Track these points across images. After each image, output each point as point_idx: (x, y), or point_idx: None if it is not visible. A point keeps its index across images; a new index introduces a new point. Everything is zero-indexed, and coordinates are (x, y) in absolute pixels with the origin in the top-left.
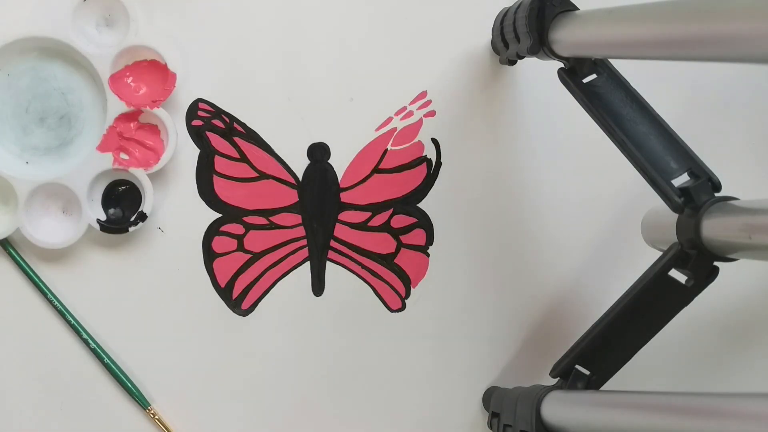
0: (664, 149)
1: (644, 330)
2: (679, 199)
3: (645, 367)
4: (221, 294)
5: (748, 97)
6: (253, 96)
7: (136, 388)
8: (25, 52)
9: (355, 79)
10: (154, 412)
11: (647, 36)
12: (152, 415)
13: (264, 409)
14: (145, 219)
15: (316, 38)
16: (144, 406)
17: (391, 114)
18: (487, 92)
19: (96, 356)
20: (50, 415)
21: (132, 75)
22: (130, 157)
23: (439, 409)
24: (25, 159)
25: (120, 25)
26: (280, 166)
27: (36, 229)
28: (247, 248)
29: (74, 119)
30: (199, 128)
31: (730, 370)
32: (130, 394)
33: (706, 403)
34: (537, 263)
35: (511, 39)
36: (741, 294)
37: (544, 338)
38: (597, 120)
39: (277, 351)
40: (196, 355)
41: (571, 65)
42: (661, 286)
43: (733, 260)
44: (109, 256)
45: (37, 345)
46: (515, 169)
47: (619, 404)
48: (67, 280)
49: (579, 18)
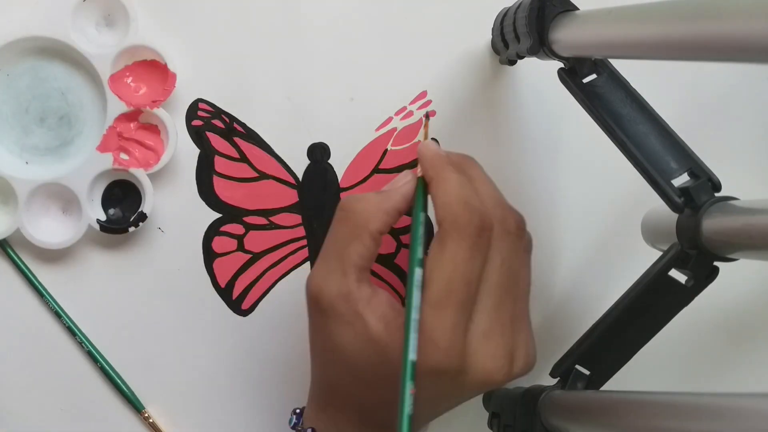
0: (664, 149)
1: (644, 330)
2: (679, 199)
3: (645, 367)
4: (221, 294)
5: (748, 97)
6: (253, 96)
7: (131, 391)
8: (25, 52)
9: (355, 79)
10: (148, 415)
11: (647, 36)
12: (146, 418)
13: (263, 409)
14: (145, 219)
15: (316, 38)
16: (138, 409)
17: (391, 114)
18: (487, 92)
19: (91, 358)
20: (49, 417)
21: (132, 75)
22: (130, 157)
23: None
24: (25, 159)
25: (120, 25)
26: (280, 166)
27: (36, 229)
28: (247, 248)
29: (74, 119)
30: (199, 128)
31: (730, 370)
32: (124, 396)
33: (706, 403)
34: (537, 263)
35: (511, 39)
36: (741, 294)
37: (545, 338)
38: (597, 120)
39: (277, 351)
40: (195, 355)
41: (571, 65)
42: (661, 286)
43: (733, 260)
44: (109, 256)
45: (36, 346)
46: (515, 169)
47: (619, 404)
48: (66, 281)
49: (579, 18)
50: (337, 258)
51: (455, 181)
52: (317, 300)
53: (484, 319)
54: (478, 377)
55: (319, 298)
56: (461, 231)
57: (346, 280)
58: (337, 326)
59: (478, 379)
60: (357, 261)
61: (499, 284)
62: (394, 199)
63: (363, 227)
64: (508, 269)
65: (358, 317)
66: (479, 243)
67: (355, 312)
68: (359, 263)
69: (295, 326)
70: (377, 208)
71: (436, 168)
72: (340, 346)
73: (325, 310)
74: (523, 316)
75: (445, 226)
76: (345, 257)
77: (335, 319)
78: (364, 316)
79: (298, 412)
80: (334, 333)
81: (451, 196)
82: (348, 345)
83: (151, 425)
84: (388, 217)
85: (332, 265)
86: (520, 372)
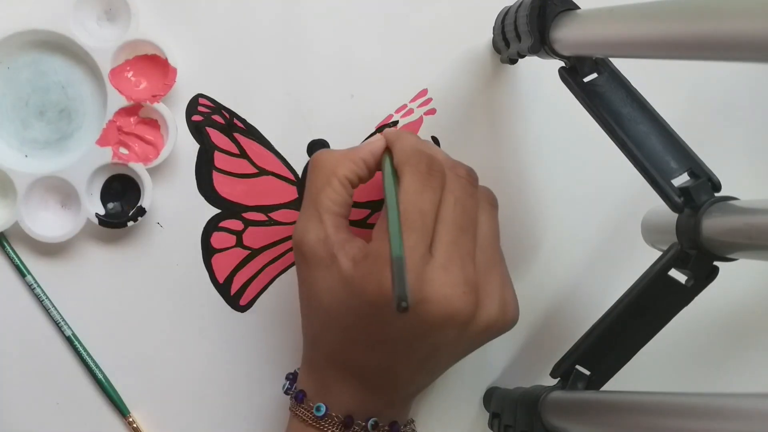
0: (665, 149)
1: (644, 330)
2: (679, 198)
3: (645, 367)
4: (220, 290)
5: (748, 97)
6: (253, 92)
7: (117, 393)
8: (26, 45)
9: (355, 75)
10: (133, 419)
11: (648, 35)
12: (130, 422)
13: (262, 407)
14: (143, 214)
15: (317, 34)
16: (124, 413)
17: (391, 111)
18: (487, 91)
19: (79, 357)
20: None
21: (132, 69)
22: (129, 151)
23: (439, 409)
24: (25, 152)
25: (121, 19)
26: (280, 162)
27: (34, 222)
28: (246, 244)
29: (74, 113)
30: (199, 123)
31: (730, 370)
32: (110, 399)
33: (706, 403)
34: (537, 263)
35: (512, 38)
36: (741, 294)
37: (545, 338)
38: (597, 119)
39: (275, 347)
40: (192, 351)
41: (572, 64)
42: (661, 286)
43: (733, 260)
44: (108, 250)
45: (26, 342)
46: (515, 168)
47: (619, 404)
48: (64, 274)
49: (580, 17)
50: (313, 206)
51: (411, 136)
52: (300, 248)
53: (442, 252)
54: (439, 306)
55: (302, 245)
56: (412, 167)
57: (323, 225)
58: (317, 271)
59: (440, 308)
60: (330, 206)
61: (454, 222)
62: (362, 150)
63: (331, 173)
64: (462, 209)
65: (333, 260)
66: (430, 180)
67: (331, 255)
68: (333, 209)
69: (293, 323)
70: (345, 157)
71: (398, 133)
72: (320, 291)
73: (306, 257)
74: (495, 266)
75: (400, 166)
76: (319, 204)
77: (316, 264)
78: (338, 257)
79: (291, 377)
80: (315, 278)
81: (406, 144)
82: (325, 288)
83: (135, 430)
84: (354, 165)
85: (309, 214)
86: (497, 315)
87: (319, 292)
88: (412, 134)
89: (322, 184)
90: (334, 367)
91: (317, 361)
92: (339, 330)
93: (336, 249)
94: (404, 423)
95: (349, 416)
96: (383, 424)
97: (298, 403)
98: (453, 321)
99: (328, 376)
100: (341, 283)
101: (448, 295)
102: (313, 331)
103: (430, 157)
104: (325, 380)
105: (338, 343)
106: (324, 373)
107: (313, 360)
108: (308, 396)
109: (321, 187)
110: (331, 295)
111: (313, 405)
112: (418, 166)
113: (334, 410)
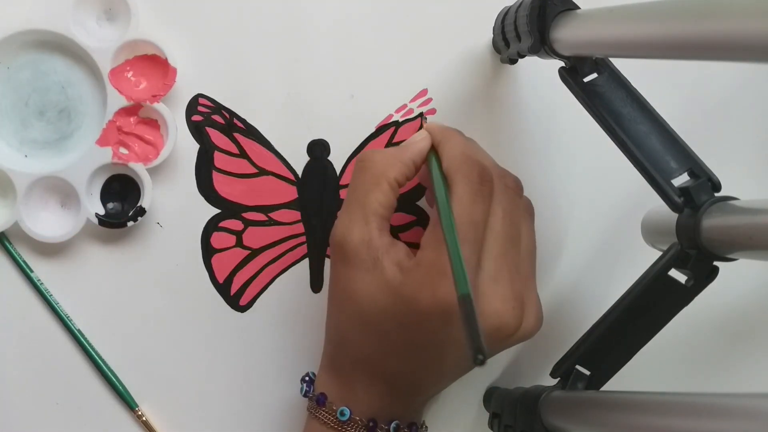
0: (665, 149)
1: (644, 330)
2: (678, 198)
3: (645, 367)
4: (219, 290)
5: (748, 97)
6: (253, 92)
7: (125, 388)
8: (26, 45)
9: (355, 75)
10: (142, 413)
11: (648, 35)
12: (139, 416)
13: (260, 406)
14: (143, 214)
15: (317, 34)
16: (132, 406)
17: (391, 111)
18: (487, 90)
19: (86, 353)
20: (45, 411)
21: (132, 69)
22: (129, 151)
23: (440, 409)
24: (24, 152)
25: (121, 19)
26: (280, 162)
27: (34, 222)
28: (246, 244)
29: (74, 113)
30: (199, 123)
31: (730, 370)
32: (118, 393)
33: (706, 402)
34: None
35: (512, 38)
36: (741, 294)
37: (545, 338)
38: (597, 119)
39: (275, 347)
40: (192, 351)
41: (572, 64)
42: (661, 286)
43: (733, 260)
44: (108, 250)
45: (31, 340)
46: (515, 168)
47: (619, 404)
48: (64, 274)
49: (580, 17)
50: (359, 207)
51: (460, 138)
52: (342, 247)
53: (492, 264)
54: (490, 320)
55: (344, 245)
56: (465, 177)
57: (368, 227)
58: (357, 272)
59: (490, 322)
60: (377, 209)
61: (503, 234)
62: (410, 151)
63: (381, 175)
64: (510, 221)
65: (377, 263)
66: (482, 190)
67: (375, 258)
68: (379, 211)
69: (293, 323)
70: (395, 158)
71: (443, 131)
72: (358, 293)
73: (348, 258)
74: (532, 277)
75: (451, 174)
76: (366, 205)
77: (357, 266)
78: (383, 262)
79: (307, 380)
80: (354, 280)
81: (456, 150)
82: (364, 291)
83: (144, 423)
84: (404, 167)
85: (354, 214)
86: (531, 328)
87: (356, 294)
88: (457, 134)
89: (371, 185)
90: (361, 371)
91: (342, 363)
92: (375, 334)
93: (380, 254)
94: (420, 424)
95: (372, 419)
96: (403, 426)
97: (319, 406)
98: (499, 334)
99: (354, 380)
100: (384, 288)
101: (499, 309)
102: (341, 332)
103: (481, 167)
104: (351, 384)
105: (371, 347)
106: (350, 377)
107: (336, 362)
108: (330, 399)
109: (370, 189)
110: (370, 299)
111: (336, 408)
112: (470, 176)
113: (357, 414)
